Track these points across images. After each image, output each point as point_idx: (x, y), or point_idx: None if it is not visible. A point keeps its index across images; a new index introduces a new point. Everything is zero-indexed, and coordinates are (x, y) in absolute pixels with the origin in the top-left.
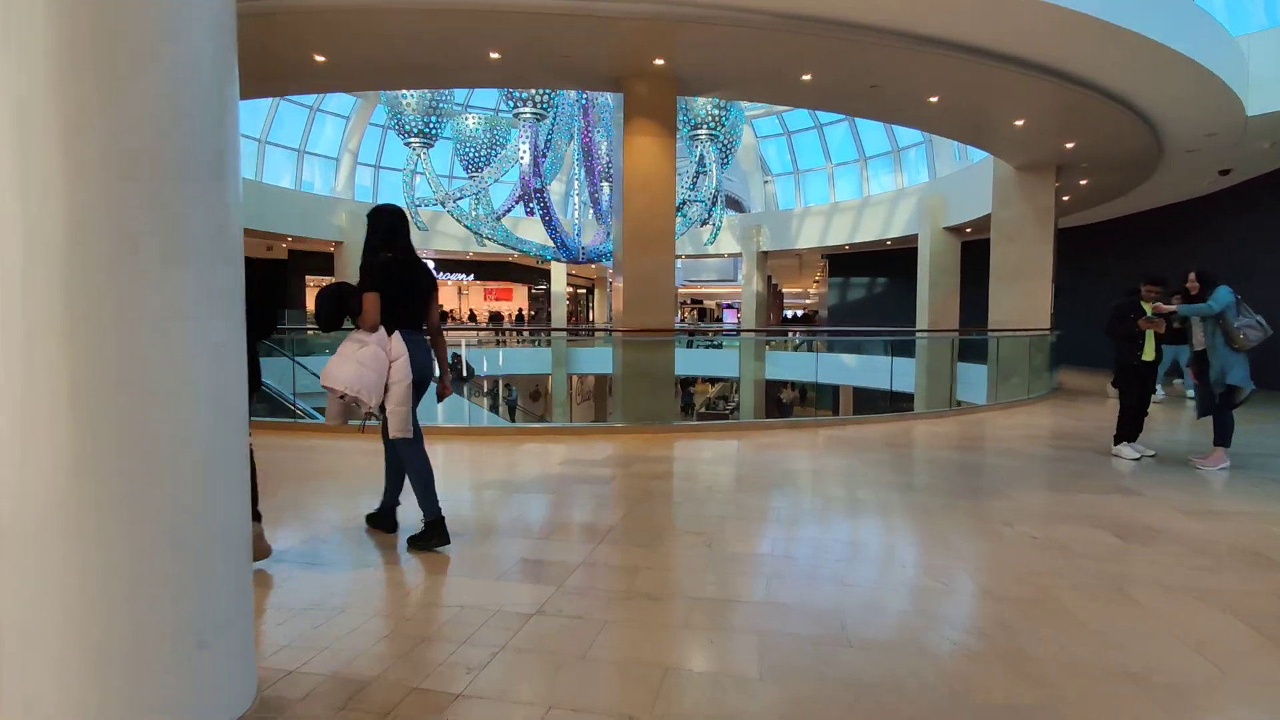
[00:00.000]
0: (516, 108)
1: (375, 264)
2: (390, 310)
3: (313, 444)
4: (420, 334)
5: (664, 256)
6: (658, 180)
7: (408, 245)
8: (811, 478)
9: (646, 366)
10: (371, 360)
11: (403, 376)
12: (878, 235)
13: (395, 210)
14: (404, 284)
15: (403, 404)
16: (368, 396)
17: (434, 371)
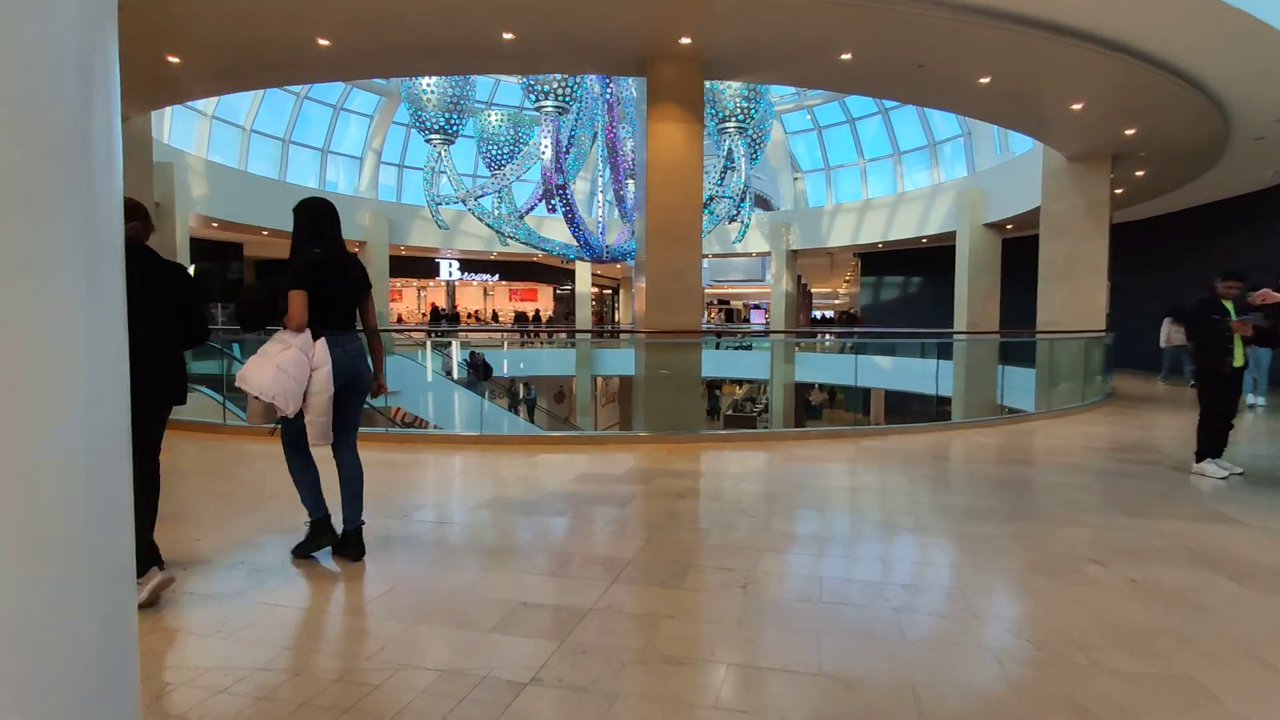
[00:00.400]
0: (538, 101)
1: (302, 261)
2: (318, 310)
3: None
4: (352, 334)
5: (690, 253)
6: (684, 170)
7: (336, 241)
8: (855, 498)
9: (671, 371)
10: (292, 365)
11: (324, 388)
12: (913, 233)
13: (321, 203)
14: (333, 282)
15: (323, 414)
16: (284, 403)
17: (366, 374)
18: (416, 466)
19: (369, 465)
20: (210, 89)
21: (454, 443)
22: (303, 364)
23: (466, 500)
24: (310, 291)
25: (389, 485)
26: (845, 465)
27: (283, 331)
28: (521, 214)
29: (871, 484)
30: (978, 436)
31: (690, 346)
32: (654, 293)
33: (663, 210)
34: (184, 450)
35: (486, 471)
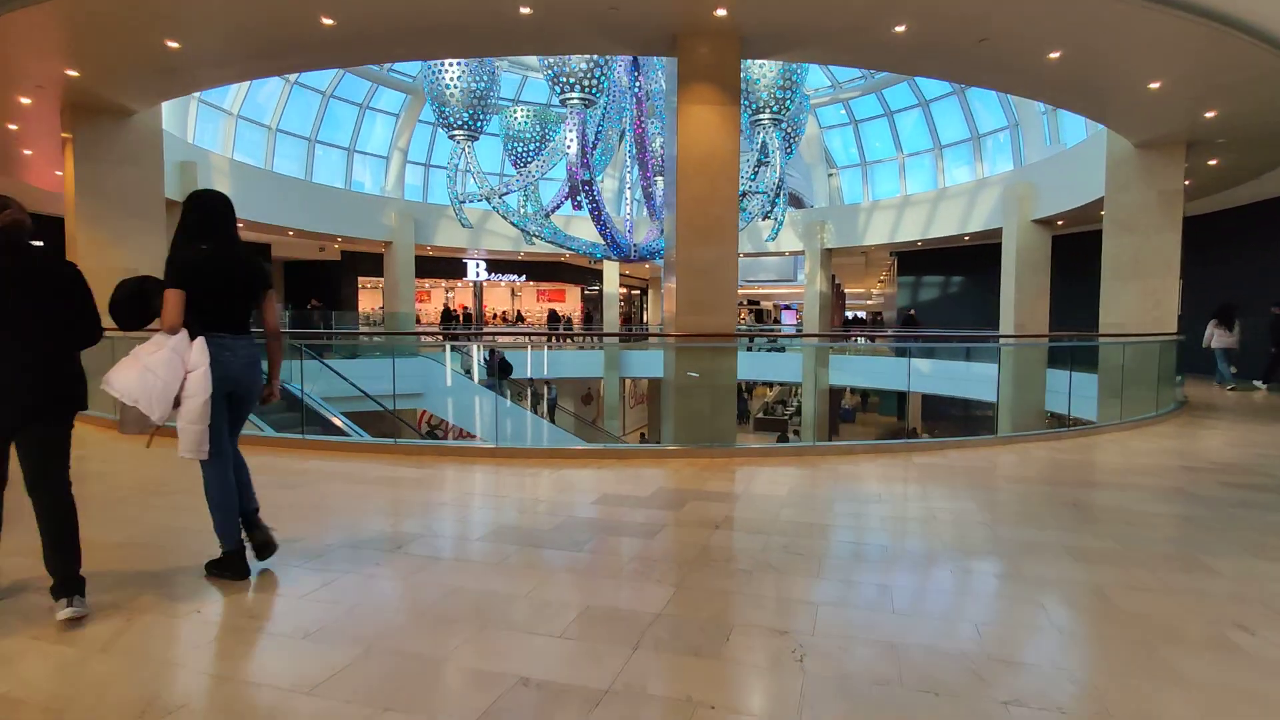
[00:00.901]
0: (563, 93)
1: (180, 257)
2: (198, 311)
3: (321, 467)
4: (245, 339)
5: (724, 249)
6: (718, 158)
7: (227, 237)
8: (921, 531)
9: (703, 378)
10: (162, 367)
11: (199, 390)
12: (955, 230)
13: (211, 197)
14: (217, 281)
15: (196, 421)
16: (149, 407)
17: (257, 382)
18: (424, 485)
19: (378, 482)
20: (215, 77)
21: (469, 456)
22: (175, 366)
23: (472, 528)
24: (191, 291)
25: (388, 508)
26: (901, 487)
27: (160, 333)
28: (548, 212)
29: (938, 513)
30: (1045, 452)
31: (724, 351)
32: (685, 292)
33: (695, 202)
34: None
35: (500, 491)
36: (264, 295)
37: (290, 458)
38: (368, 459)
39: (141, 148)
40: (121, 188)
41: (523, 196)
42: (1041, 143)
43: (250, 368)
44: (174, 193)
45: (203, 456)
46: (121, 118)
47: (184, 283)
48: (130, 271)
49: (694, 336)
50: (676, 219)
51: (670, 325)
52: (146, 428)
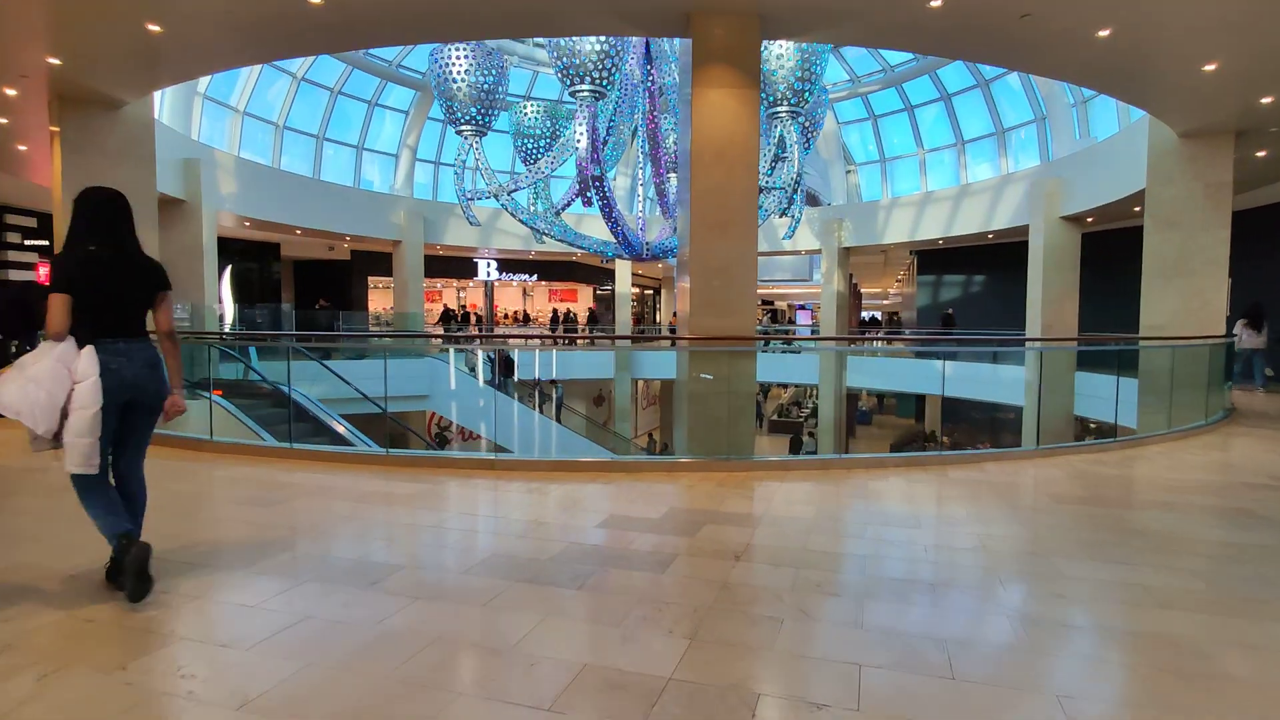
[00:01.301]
0: (572, 84)
1: (64, 260)
2: (85, 317)
3: (307, 481)
4: (142, 342)
5: (743, 245)
6: (736, 146)
7: (120, 238)
8: (975, 565)
9: (720, 384)
10: (47, 377)
11: (88, 402)
12: (978, 227)
13: (98, 194)
14: (107, 283)
15: (85, 435)
16: (33, 421)
17: (157, 387)
18: (415, 503)
19: (366, 499)
20: (202, 65)
21: (468, 468)
22: (61, 376)
23: (461, 556)
24: (78, 295)
25: (371, 532)
26: (939, 508)
27: (45, 341)
28: (558, 210)
29: (986, 540)
30: (1090, 465)
31: (743, 356)
32: (700, 292)
33: (710, 194)
34: None
35: (498, 510)
36: (159, 297)
37: (276, 469)
38: (359, 471)
39: (133, 141)
40: (112, 183)
41: (533, 194)
42: (1070, 137)
43: (149, 371)
44: (178, 190)
45: (93, 470)
46: (111, 110)
47: (69, 287)
48: None
49: (710, 340)
50: (691, 213)
51: (684, 327)
52: (58, 444)
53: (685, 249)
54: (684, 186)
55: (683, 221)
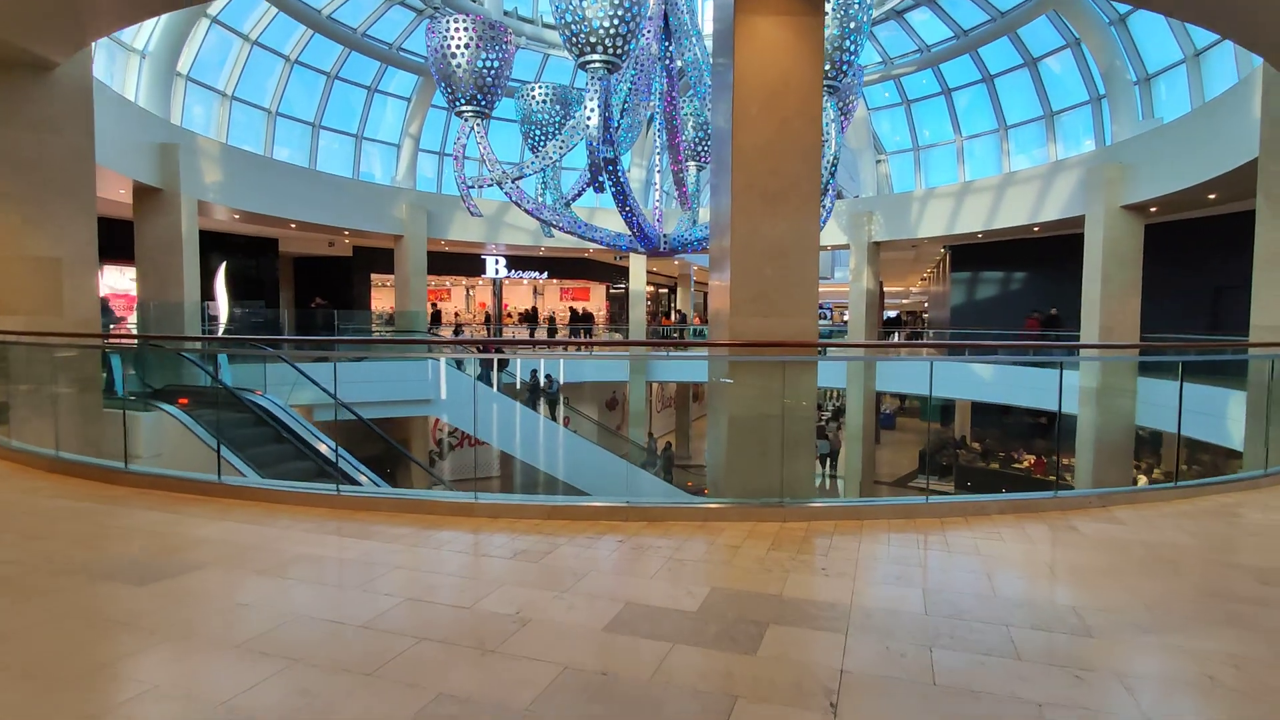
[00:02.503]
0: (581, 55)
1: None
2: None
3: (225, 535)
4: None
5: (802, 222)
6: (793, 91)
7: None
8: (1193, 702)
9: (769, 404)
10: None
11: None
12: (1024, 219)
13: None
14: None
15: None
16: None
17: None
18: (350, 576)
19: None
20: (137, 9)
21: (438, 514)
22: None
23: (385, 701)
24: None
25: (266, 641)
26: (1093, 589)
27: None
28: (568, 200)
29: (1207, 661)
30: (1259, 513)
31: (801, 369)
32: (744, 285)
33: (759, 156)
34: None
35: (462, 594)
36: None
37: (194, 514)
38: (302, 516)
39: (66, 109)
40: (40, 158)
41: (541, 183)
42: (1132, 118)
43: None
44: (153, 178)
45: None
46: (39, 73)
47: None
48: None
49: (756, 347)
50: (732, 182)
51: (721, 330)
52: None
53: (723, 231)
54: (722, 145)
55: (720, 196)
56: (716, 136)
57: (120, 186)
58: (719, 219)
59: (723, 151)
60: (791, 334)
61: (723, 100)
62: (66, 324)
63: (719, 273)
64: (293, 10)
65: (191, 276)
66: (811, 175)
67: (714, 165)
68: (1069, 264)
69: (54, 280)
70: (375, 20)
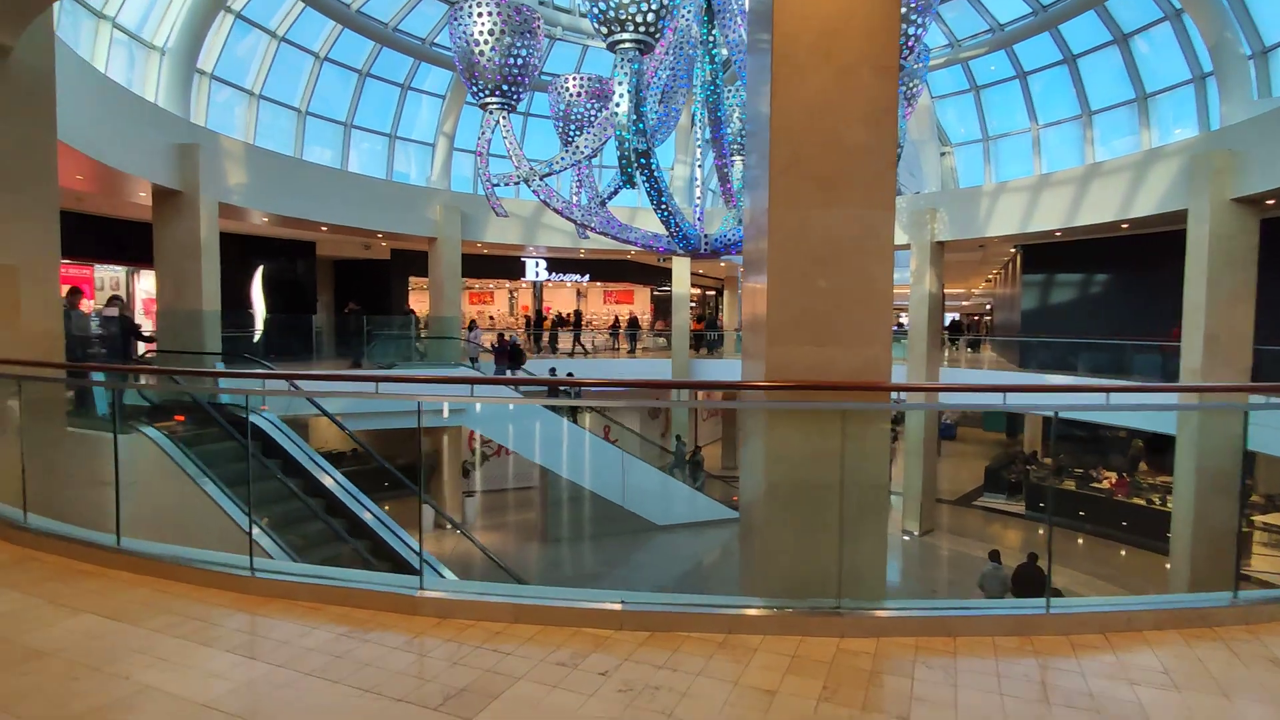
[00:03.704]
0: (609, 34)
1: None
2: None
3: (90, 628)
4: None
5: (871, 213)
6: (857, 32)
7: None
8: None
9: (821, 467)
10: None
11: None
12: (1113, 215)
13: None
14: None
15: None
16: None
17: None
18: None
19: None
20: None
21: (372, 608)
22: None
23: None
24: None
25: None
26: None
27: None
28: (603, 199)
29: None
30: None
31: (869, 418)
32: (786, 300)
33: (809, 118)
34: None
35: None
36: None
37: (61, 594)
38: (200, 603)
39: (21, 97)
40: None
41: (575, 181)
42: (1245, 97)
43: None
44: (172, 180)
45: None
46: None
47: None
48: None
49: (805, 390)
50: (771, 157)
51: (756, 361)
52: None
53: (759, 228)
54: (757, 110)
55: (756, 182)
56: (752, 99)
57: (141, 189)
58: (755, 213)
59: (758, 120)
60: (854, 370)
61: (759, 49)
62: (23, 338)
63: (752, 280)
64: (320, 5)
65: (211, 283)
66: (883, 148)
67: (749, 139)
68: (1163, 265)
69: (9, 290)
70: (406, 14)
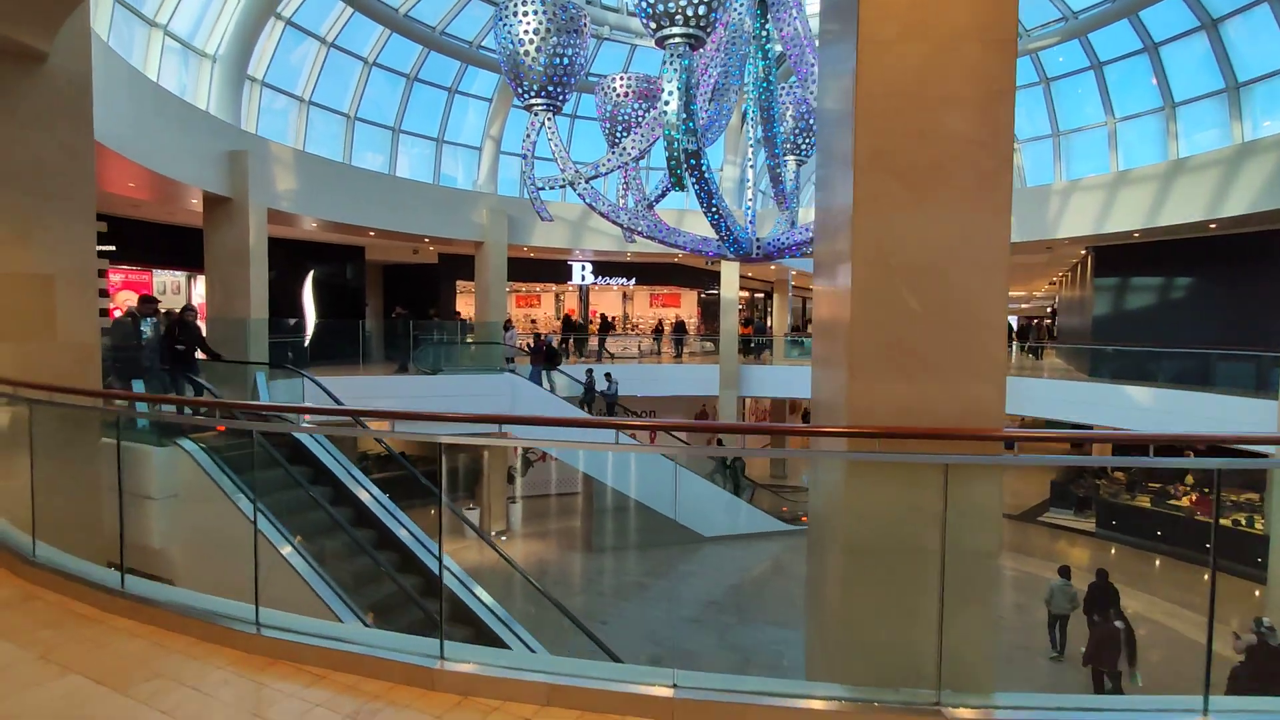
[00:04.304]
0: (658, 26)
1: None
2: None
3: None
4: None
5: (980, 218)
6: (961, 1)
7: None
8: None
9: (916, 529)
10: None
11: None
12: (1199, 214)
13: None
14: None
15: None
16: None
17: None
18: None
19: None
20: None
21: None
22: None
23: None
24: None
25: None
26: None
27: None
28: (651, 202)
29: None
30: None
31: (976, 473)
32: (871, 325)
33: (901, 101)
34: None
35: None
36: None
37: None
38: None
39: (59, 103)
40: (31, 161)
41: (622, 184)
42: None
43: None
44: (222, 187)
45: None
46: (30, 64)
47: None
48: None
49: (895, 438)
50: (855, 149)
51: (832, 398)
52: None
53: (833, 232)
54: (833, 96)
55: (832, 178)
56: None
57: (192, 196)
58: (829, 214)
59: (832, 113)
60: (957, 412)
61: (833, 38)
62: (60, 350)
63: (823, 281)
64: (369, 9)
65: (259, 289)
66: (995, 138)
67: (820, 135)
68: (1256, 268)
69: (46, 300)
70: (454, 17)
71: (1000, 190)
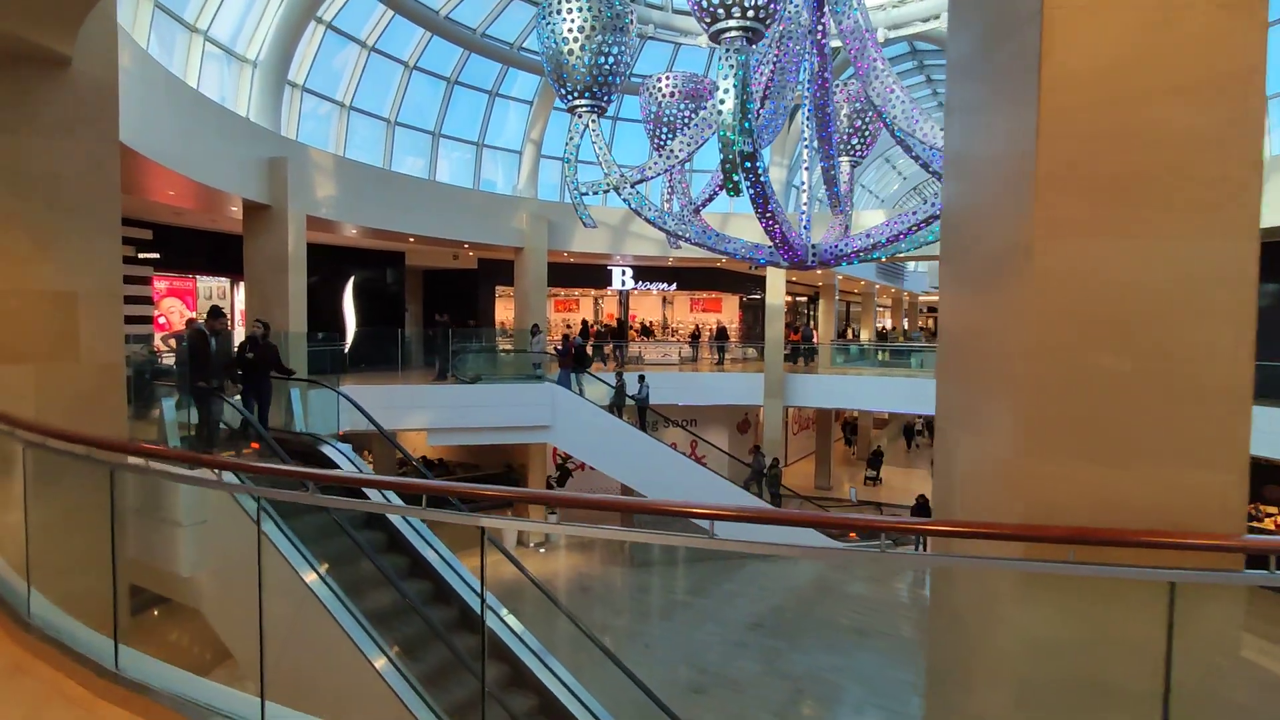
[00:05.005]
0: (713, 22)
1: None
2: None
3: None
4: None
5: (1210, 238)
6: None
7: None
8: None
9: (1124, 665)
10: None
11: None
12: None
13: None
14: None
15: None
16: None
17: None
18: None
19: None
20: None
21: None
22: None
23: None
24: None
25: None
26: None
27: None
28: (697, 207)
29: None
30: None
31: (1210, 594)
32: (1050, 392)
33: (1096, 93)
34: None
35: None
36: None
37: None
38: None
39: (82, 111)
40: (53, 171)
41: (667, 188)
42: None
43: None
44: (262, 195)
45: None
46: (53, 69)
47: None
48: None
49: (1086, 544)
50: (1038, 152)
51: (983, 471)
52: None
53: (992, 259)
54: (991, 53)
55: (961, 174)
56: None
57: (232, 204)
58: (979, 241)
59: (989, 92)
60: (1179, 511)
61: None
62: (83, 371)
63: (953, 293)
64: (410, 12)
65: (298, 297)
66: (1238, 134)
67: (951, 121)
68: None
69: (68, 319)
70: (495, 18)
71: (1244, 207)
